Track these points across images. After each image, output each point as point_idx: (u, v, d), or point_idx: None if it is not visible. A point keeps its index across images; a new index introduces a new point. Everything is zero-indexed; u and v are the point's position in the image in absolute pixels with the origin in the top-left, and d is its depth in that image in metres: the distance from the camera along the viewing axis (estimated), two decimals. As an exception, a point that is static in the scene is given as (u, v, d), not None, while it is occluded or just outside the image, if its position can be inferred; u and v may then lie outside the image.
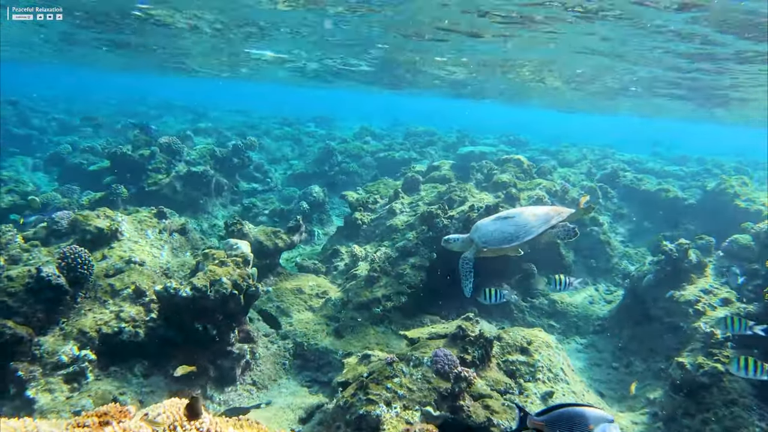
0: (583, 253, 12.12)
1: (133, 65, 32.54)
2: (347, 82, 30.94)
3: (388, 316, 8.54)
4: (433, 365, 6.26)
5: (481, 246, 6.78)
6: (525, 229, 6.59)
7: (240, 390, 7.41)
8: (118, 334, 6.65)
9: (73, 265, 6.82)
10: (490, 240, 6.70)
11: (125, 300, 7.06)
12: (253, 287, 7.07)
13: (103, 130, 27.54)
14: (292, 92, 63.89)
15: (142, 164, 14.89)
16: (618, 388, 8.25)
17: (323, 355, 8.02)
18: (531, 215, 6.71)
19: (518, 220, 6.68)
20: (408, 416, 5.68)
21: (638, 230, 14.02)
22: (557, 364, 7.23)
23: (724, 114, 26.94)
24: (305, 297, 9.21)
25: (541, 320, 10.20)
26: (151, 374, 6.71)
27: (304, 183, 19.92)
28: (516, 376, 7.02)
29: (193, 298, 6.57)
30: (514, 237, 6.57)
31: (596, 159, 20.86)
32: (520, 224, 6.60)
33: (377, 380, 6.03)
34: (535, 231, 6.54)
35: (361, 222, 11.37)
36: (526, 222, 6.63)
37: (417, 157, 21.48)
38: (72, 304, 6.80)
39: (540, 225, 6.60)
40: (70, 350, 6.27)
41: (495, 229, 6.70)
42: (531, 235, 6.54)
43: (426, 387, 5.96)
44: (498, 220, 6.84)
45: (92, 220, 8.35)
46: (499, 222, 6.79)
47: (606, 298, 11.39)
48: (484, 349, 6.79)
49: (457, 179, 13.21)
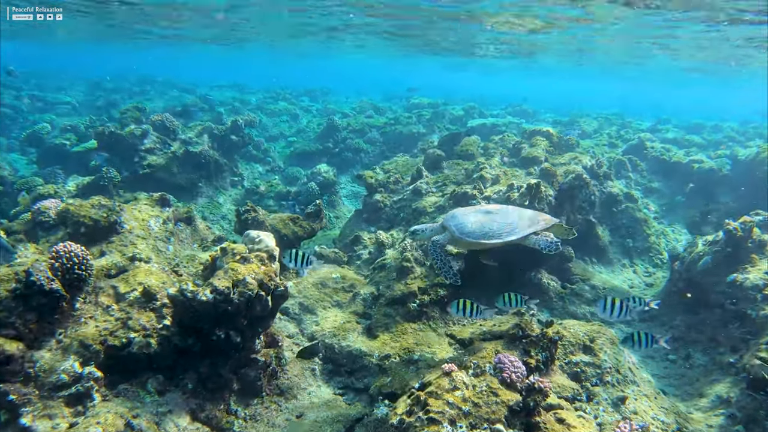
0: (619, 233, 11.31)
1: (109, 34, 30.45)
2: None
3: (426, 312, 7.67)
4: (498, 374, 5.41)
5: (458, 236, 6.09)
6: (509, 228, 5.98)
7: (267, 402, 6.54)
8: (127, 345, 5.70)
9: (69, 266, 5.82)
10: (468, 232, 6.03)
11: (132, 305, 6.10)
12: (282, 287, 6.13)
13: (84, 108, 26.02)
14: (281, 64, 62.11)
15: (134, 144, 13.72)
16: (680, 384, 7.50)
17: (356, 359, 7.15)
18: (516, 215, 6.12)
19: (502, 217, 6.06)
20: (476, 437, 4.84)
21: (671, 205, 13.21)
22: (624, 363, 6.44)
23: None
24: (330, 291, 8.30)
25: (581, 308, 9.41)
26: (166, 390, 5.79)
27: (308, 161, 18.87)
28: (581, 379, 6.23)
29: (215, 302, 5.62)
30: (495, 234, 5.96)
31: (616, 129, 19.93)
32: (503, 222, 6.01)
33: (436, 394, 5.17)
34: (519, 232, 5.95)
35: (383, 204, 10.41)
36: (511, 221, 6.02)
37: (425, 131, 20.41)
38: (70, 311, 5.82)
39: (525, 227, 5.99)
40: (72, 367, 5.32)
41: (476, 222, 6.06)
42: (514, 236, 5.94)
43: (493, 401, 5.11)
44: (479, 213, 6.19)
45: (86, 210, 7.32)
46: (481, 215, 6.14)
47: (646, 281, 10.62)
48: (548, 351, 5.96)
49: (480, 155, 12.24)
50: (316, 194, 14.12)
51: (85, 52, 49.08)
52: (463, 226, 6.11)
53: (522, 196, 8.50)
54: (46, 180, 13.58)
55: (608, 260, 10.88)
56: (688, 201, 13.02)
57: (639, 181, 13.65)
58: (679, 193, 13.34)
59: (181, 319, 5.87)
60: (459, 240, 6.23)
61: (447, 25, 20.53)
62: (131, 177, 13.13)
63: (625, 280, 10.52)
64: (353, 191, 17.59)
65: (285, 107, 28.71)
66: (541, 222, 6.13)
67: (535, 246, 6.22)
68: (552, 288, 9.53)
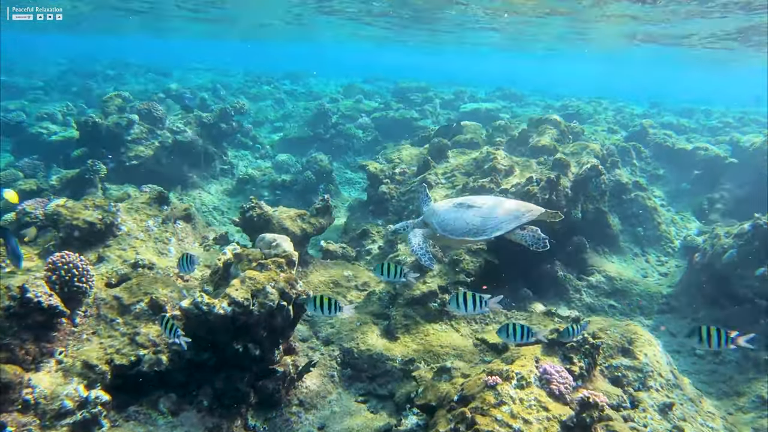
0: (629, 222, 11.05)
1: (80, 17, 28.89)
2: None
3: (447, 312, 7.26)
4: (545, 386, 5.05)
5: (441, 234, 5.87)
6: (493, 223, 5.73)
7: (286, 414, 6.08)
8: (136, 364, 5.18)
9: (68, 278, 5.24)
10: (451, 229, 5.82)
11: (139, 318, 5.55)
12: (304, 295, 5.64)
13: (56, 93, 24.70)
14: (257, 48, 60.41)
15: (119, 135, 12.90)
16: (712, 381, 7.28)
17: (378, 363, 6.72)
18: (499, 208, 5.84)
19: (485, 211, 5.80)
20: (529, 457, 4.48)
21: (677, 192, 13.00)
22: (666, 366, 6.14)
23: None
24: (343, 290, 7.83)
25: (599, 300, 9.15)
26: (180, 410, 5.30)
27: (298, 148, 18.22)
28: (623, 384, 5.91)
29: (233, 315, 5.11)
30: (480, 230, 5.73)
31: (612, 115, 19.66)
32: (487, 216, 5.76)
33: (482, 410, 4.78)
34: (504, 227, 5.71)
35: (390, 196, 9.92)
36: (495, 215, 5.76)
37: (417, 116, 19.87)
38: (70, 327, 5.26)
39: (510, 221, 5.74)
40: (76, 391, 4.78)
41: (458, 218, 5.85)
42: (499, 231, 5.71)
43: (544, 416, 4.75)
44: (461, 208, 5.92)
45: (79, 212, 6.67)
46: (462, 210, 5.89)
47: (659, 270, 10.40)
48: (590, 356, 5.60)
49: (484, 144, 11.81)
50: (313, 183, 13.54)
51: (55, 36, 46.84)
52: (446, 224, 5.86)
53: (542, 190, 8.11)
54: (26, 173, 12.74)
55: (620, 249, 10.62)
56: (693, 188, 12.83)
57: (644, 168, 13.42)
58: (684, 180, 13.13)
59: (195, 332, 5.34)
60: (442, 238, 6.00)
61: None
62: (118, 168, 12.37)
63: (639, 269, 10.28)
64: (347, 178, 17.05)
65: (268, 91, 27.77)
66: (527, 214, 5.83)
67: (522, 242, 5.95)
68: (568, 280, 9.24)
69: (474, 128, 12.32)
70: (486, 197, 6.56)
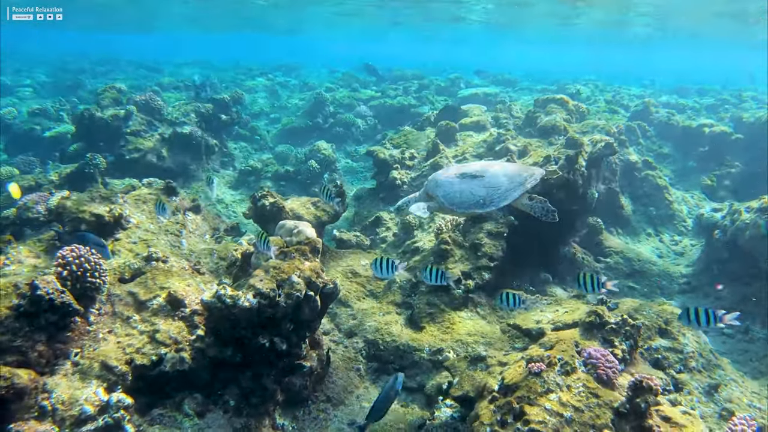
0: (641, 201, 10.85)
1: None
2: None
3: (472, 298, 7.01)
4: (591, 371, 4.81)
5: (448, 207, 5.71)
6: (499, 192, 5.53)
7: (314, 412, 5.82)
8: (158, 363, 4.87)
9: (80, 274, 4.91)
10: (458, 202, 5.63)
11: (157, 314, 5.23)
12: (331, 284, 5.36)
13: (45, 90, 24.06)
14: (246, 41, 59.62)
15: (118, 127, 12.47)
16: (745, 360, 7.10)
17: (405, 354, 6.46)
18: (502, 174, 5.63)
19: (489, 180, 5.58)
20: (584, 448, 4.24)
21: (683, 171, 12.81)
22: (705, 345, 5.94)
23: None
24: (362, 280, 7.55)
25: (619, 282, 8.93)
26: (206, 411, 5.00)
27: (297, 138, 17.85)
28: (664, 366, 5.69)
29: (259, 308, 4.81)
30: (487, 201, 5.54)
31: (612, 95, 19.40)
32: (492, 186, 5.55)
33: (529, 399, 4.54)
34: (512, 195, 5.53)
35: (401, 182, 9.62)
36: (499, 183, 5.56)
37: (415, 103, 19.54)
38: (84, 326, 4.93)
39: (516, 188, 5.56)
40: (96, 395, 4.47)
41: (463, 189, 5.63)
42: (507, 200, 5.56)
43: (594, 403, 4.51)
44: (465, 178, 5.69)
45: (85, 205, 6.32)
46: (467, 181, 5.66)
47: (674, 249, 10.21)
48: (632, 338, 5.38)
49: (491, 126, 11.52)
50: (317, 173, 13.21)
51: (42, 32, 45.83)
52: (452, 196, 5.66)
53: (561, 169, 7.85)
54: (22, 170, 12.32)
55: (633, 230, 10.43)
56: (700, 165, 12.64)
57: (649, 147, 13.20)
58: (690, 158, 12.95)
59: (217, 328, 5.05)
60: (449, 211, 5.83)
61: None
62: (118, 162, 11.95)
63: (653, 249, 10.09)
64: (347, 166, 16.71)
65: (263, 83, 27.26)
66: (530, 179, 5.64)
67: (531, 212, 5.85)
68: (587, 263, 9.02)
69: (478, 111, 12.02)
70: (486, 162, 6.37)
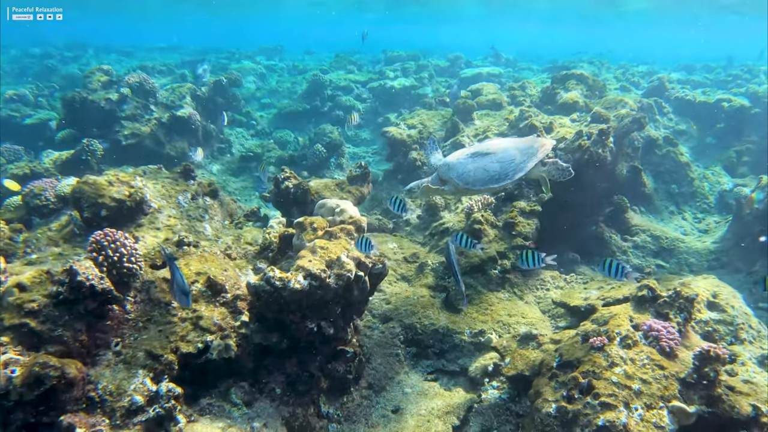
0: (662, 178, 10.76)
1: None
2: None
3: (509, 279, 6.84)
4: (654, 343, 4.67)
5: (464, 187, 5.67)
6: (512, 165, 5.56)
7: (357, 399, 5.60)
8: (204, 351, 4.59)
9: (116, 259, 4.58)
10: (473, 180, 5.62)
11: (197, 300, 4.93)
12: (380, 264, 5.11)
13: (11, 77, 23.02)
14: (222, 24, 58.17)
15: (112, 111, 11.95)
16: (781, 334, 7.05)
17: (445, 338, 6.26)
18: (513, 148, 5.66)
19: (501, 155, 5.62)
20: (656, 419, 4.11)
21: (702, 147, 12.77)
22: (753, 317, 5.85)
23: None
24: (392, 264, 7.31)
25: (647, 260, 8.86)
26: (253, 400, 4.75)
27: (295, 122, 17.43)
28: (716, 339, 5.60)
29: (309, 290, 4.55)
30: (502, 175, 5.56)
31: (621, 72, 19.29)
32: (505, 160, 5.58)
33: (595, 373, 4.39)
34: (525, 167, 5.55)
35: (421, 162, 9.37)
36: (512, 157, 5.59)
37: (416, 84, 19.20)
38: (122, 315, 4.62)
39: (528, 159, 5.58)
40: (144, 384, 4.19)
41: (476, 167, 5.65)
42: (521, 171, 5.55)
43: (661, 375, 4.39)
44: (477, 157, 5.71)
45: (105, 188, 5.95)
46: (479, 158, 5.68)
47: (698, 227, 10.17)
48: (686, 311, 5.24)
49: (507, 104, 11.30)
50: (324, 156, 12.88)
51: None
52: (467, 176, 5.63)
53: (595, 144, 7.68)
54: (8, 160, 11.72)
55: (655, 208, 10.35)
56: (719, 142, 12.59)
57: (666, 124, 13.12)
58: (708, 134, 12.90)
59: (263, 312, 4.78)
60: (466, 191, 5.78)
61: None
62: (113, 148, 11.46)
63: (677, 227, 10.02)
64: (350, 152, 16.38)
65: (251, 66, 26.54)
66: (542, 149, 5.62)
67: (547, 176, 5.87)
68: (614, 242, 8.91)
69: (492, 88, 11.78)
70: (493, 140, 6.38)
